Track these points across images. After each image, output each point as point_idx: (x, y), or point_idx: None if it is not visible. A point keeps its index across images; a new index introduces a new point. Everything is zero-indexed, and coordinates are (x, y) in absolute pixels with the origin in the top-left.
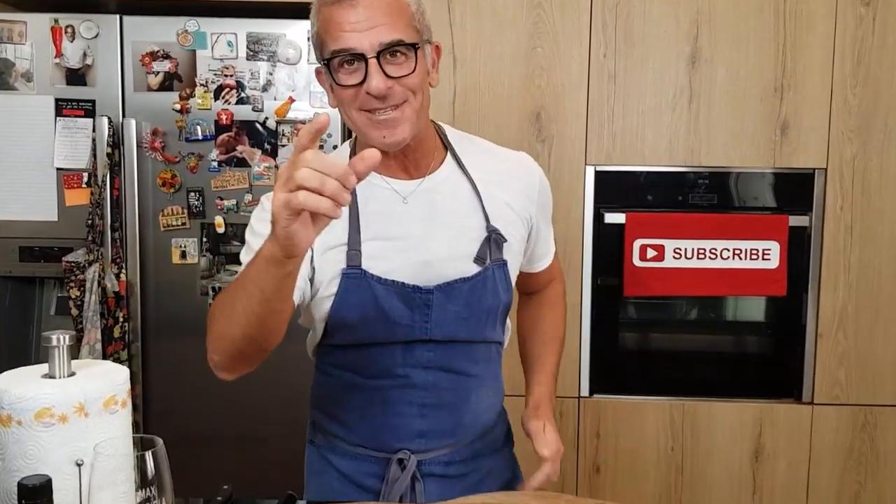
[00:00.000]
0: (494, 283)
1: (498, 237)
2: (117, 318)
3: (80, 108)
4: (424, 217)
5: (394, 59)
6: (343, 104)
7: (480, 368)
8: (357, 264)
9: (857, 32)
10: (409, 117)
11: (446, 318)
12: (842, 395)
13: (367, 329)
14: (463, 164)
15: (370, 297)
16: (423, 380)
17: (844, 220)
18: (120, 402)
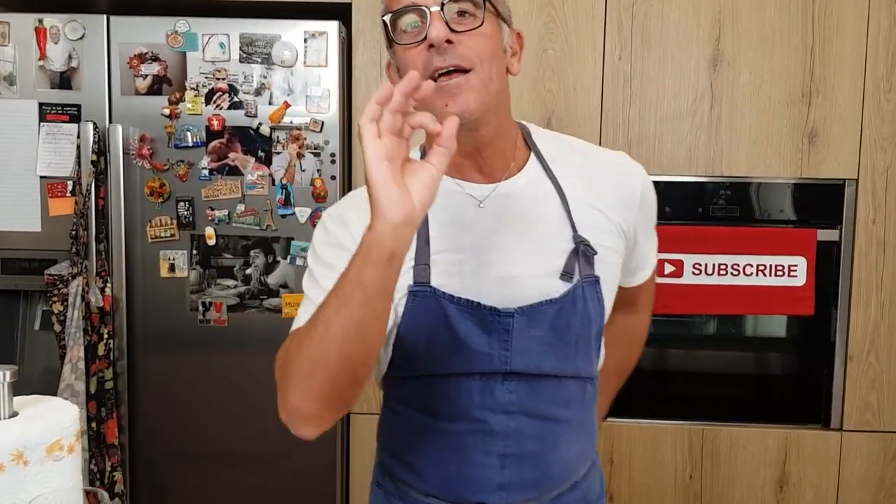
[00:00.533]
0: (585, 303)
1: (587, 249)
2: (102, 334)
3: (65, 112)
4: (502, 226)
5: (461, 18)
6: (402, 73)
7: (572, 412)
8: (426, 281)
9: (892, 33)
10: (474, 86)
11: (528, 346)
12: (873, 421)
13: (438, 358)
14: (549, 167)
15: (441, 318)
16: (503, 426)
17: (877, 234)
18: (66, 448)
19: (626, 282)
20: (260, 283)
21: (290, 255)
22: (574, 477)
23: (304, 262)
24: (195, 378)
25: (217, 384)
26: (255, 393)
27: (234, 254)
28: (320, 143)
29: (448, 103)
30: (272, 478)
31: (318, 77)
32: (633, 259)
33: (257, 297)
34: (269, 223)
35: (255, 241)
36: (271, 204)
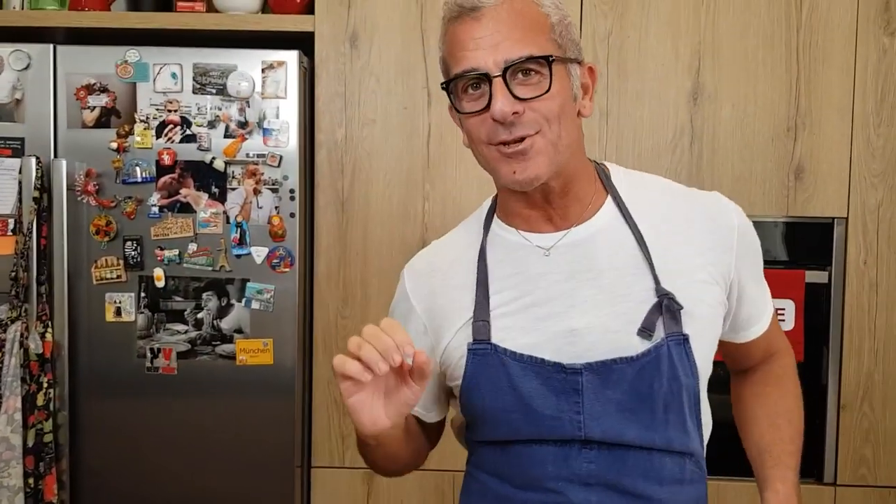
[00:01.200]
0: (672, 364)
1: (671, 304)
2: (41, 383)
3: (8, 146)
4: (571, 275)
5: (526, 78)
6: (472, 139)
7: (667, 490)
8: (486, 338)
9: (881, 66)
10: (542, 150)
11: (606, 410)
12: (869, 475)
13: (504, 421)
14: (627, 211)
15: (504, 377)
16: (583, 499)
17: (868, 276)
18: None
19: (745, 335)
20: (213, 327)
21: (245, 297)
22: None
23: (260, 306)
24: (142, 429)
25: (166, 435)
26: (207, 444)
27: (185, 296)
28: (279, 178)
29: (516, 170)
30: None
31: (276, 109)
32: (743, 308)
33: (209, 343)
34: (222, 264)
35: (208, 283)
36: (225, 243)
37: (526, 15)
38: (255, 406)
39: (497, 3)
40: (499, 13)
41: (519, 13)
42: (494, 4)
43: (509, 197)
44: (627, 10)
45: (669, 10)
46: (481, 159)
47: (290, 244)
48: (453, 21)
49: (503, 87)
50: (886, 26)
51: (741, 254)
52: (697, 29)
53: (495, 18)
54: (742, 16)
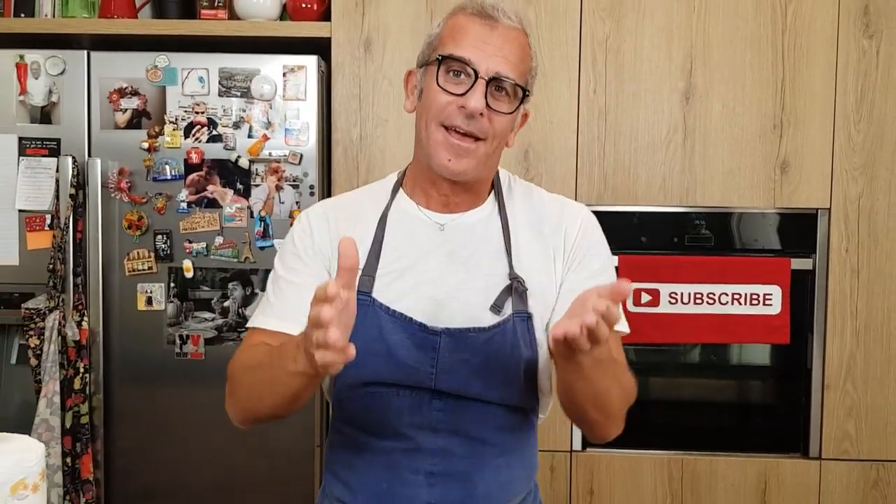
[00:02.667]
0: (515, 336)
1: (519, 286)
2: (78, 368)
3: (45, 147)
4: (447, 253)
5: (498, 93)
6: (428, 112)
7: (501, 436)
8: (367, 290)
9: (860, 66)
10: (478, 156)
11: (456, 368)
12: (851, 449)
13: (370, 364)
14: (503, 207)
15: (376, 327)
16: (431, 444)
17: (850, 263)
18: (31, 486)
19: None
20: (238, 315)
21: None
22: (505, 502)
23: None
24: (172, 412)
25: (194, 417)
26: (232, 425)
27: (212, 286)
28: (299, 175)
29: (451, 159)
30: None
31: (296, 110)
32: (568, 300)
33: (235, 330)
34: (247, 255)
35: (234, 274)
36: (249, 236)
37: (523, 48)
38: None
39: (511, 27)
40: (508, 34)
41: (520, 45)
42: (508, 26)
43: (420, 174)
44: (624, 17)
45: (663, 15)
46: (423, 135)
47: None
48: (467, 15)
49: (483, 89)
50: (865, 29)
51: (574, 255)
52: (689, 33)
53: (504, 37)
54: (731, 21)
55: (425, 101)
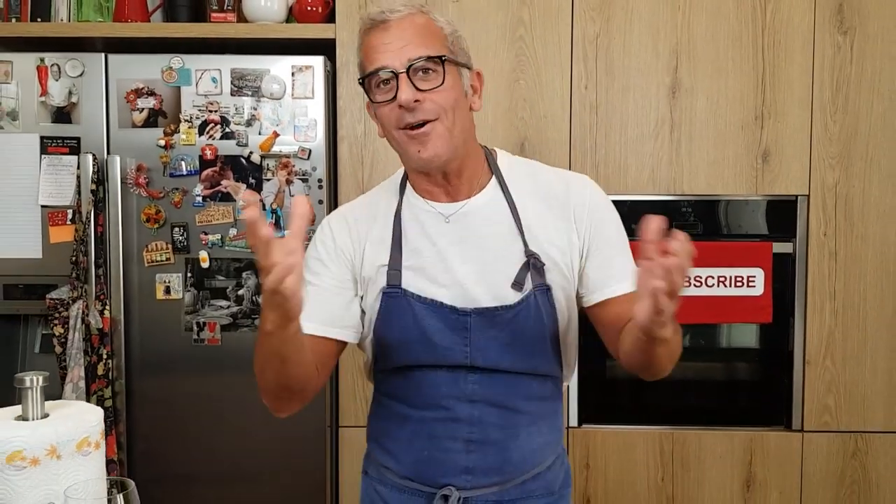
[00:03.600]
0: (538, 309)
1: (536, 262)
2: (101, 355)
3: (66, 145)
4: (462, 240)
5: (425, 75)
6: (384, 126)
7: (533, 405)
8: (397, 283)
9: (836, 60)
10: (441, 134)
11: (488, 343)
12: (831, 422)
13: (408, 351)
14: (507, 188)
15: (410, 316)
16: (468, 414)
17: (828, 246)
18: (93, 444)
19: (600, 293)
20: (252, 303)
21: None
22: (537, 468)
23: None
24: (190, 396)
25: (211, 402)
26: (247, 407)
27: (227, 276)
28: (308, 169)
29: (420, 150)
30: (266, 496)
31: (305, 108)
32: (601, 269)
33: (249, 317)
34: None
35: (247, 264)
36: None
37: (424, 26)
38: None
39: (401, 17)
40: (402, 24)
41: (419, 25)
42: (399, 18)
43: (416, 177)
44: (613, 16)
45: (650, 14)
46: (394, 143)
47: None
48: (367, 32)
49: (407, 80)
50: (840, 26)
51: (591, 223)
52: (675, 31)
53: (399, 28)
54: (714, 19)
55: (379, 118)
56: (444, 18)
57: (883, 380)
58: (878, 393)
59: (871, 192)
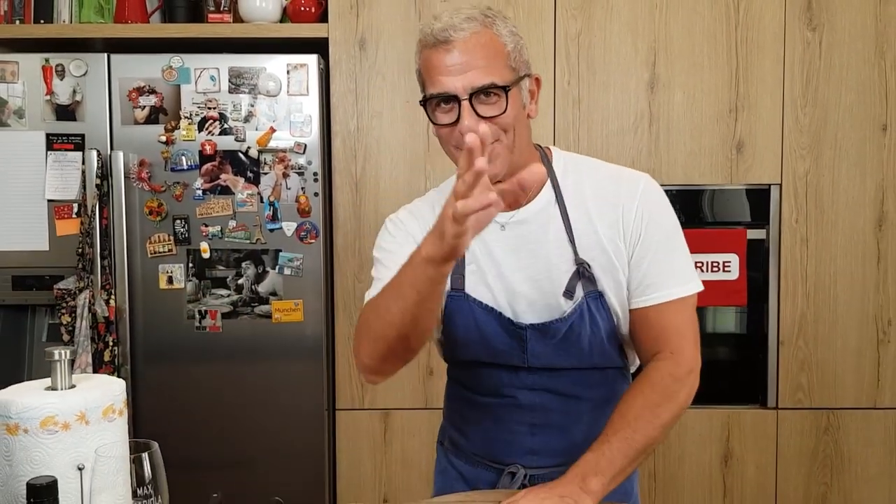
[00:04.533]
0: (592, 315)
1: (586, 270)
2: (107, 342)
3: (70, 142)
4: (515, 249)
5: (487, 99)
6: (441, 140)
7: (595, 392)
8: (460, 287)
9: (805, 56)
10: (499, 153)
11: (544, 350)
12: (804, 399)
13: (471, 348)
14: (560, 192)
15: (472, 319)
16: (530, 401)
17: (800, 233)
18: (117, 411)
19: (636, 301)
20: (251, 291)
21: (279, 265)
22: None
23: (291, 272)
24: (192, 381)
25: (212, 386)
26: (248, 391)
27: (227, 266)
28: (303, 163)
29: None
30: (269, 482)
31: (300, 105)
32: (638, 272)
33: (249, 305)
34: (258, 237)
35: (246, 254)
36: (260, 220)
37: (488, 46)
38: (289, 357)
39: (465, 37)
40: (467, 45)
41: (483, 45)
42: (463, 38)
43: None
44: (594, 14)
45: (629, 13)
46: (450, 155)
47: (315, 219)
48: (428, 47)
49: (469, 109)
50: (809, 23)
51: (638, 225)
52: (652, 29)
53: (463, 50)
54: (689, 17)
55: (436, 133)
56: (506, 29)
57: (853, 358)
58: (849, 371)
59: (839, 181)
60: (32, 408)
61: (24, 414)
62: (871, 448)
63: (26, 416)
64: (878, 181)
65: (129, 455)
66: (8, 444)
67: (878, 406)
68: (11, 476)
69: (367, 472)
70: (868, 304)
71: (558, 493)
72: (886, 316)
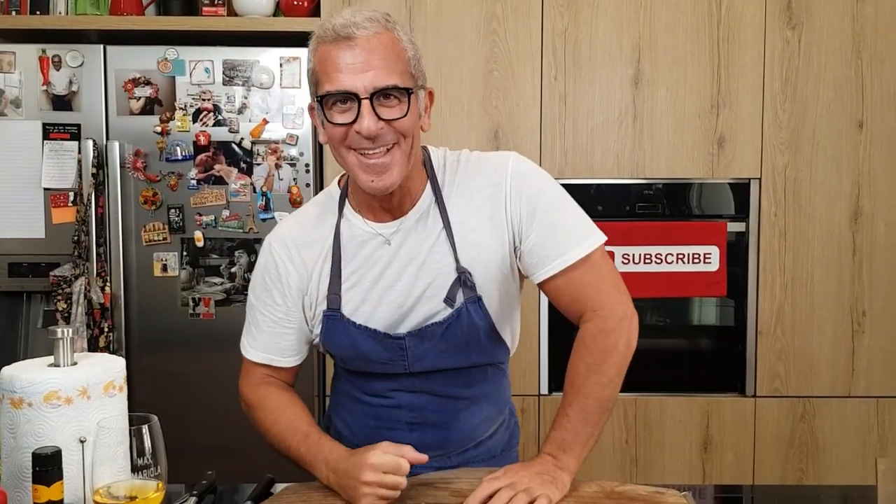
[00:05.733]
0: (470, 317)
1: (467, 278)
2: (102, 328)
3: (67, 131)
4: (400, 258)
5: (387, 101)
6: (333, 142)
7: (473, 390)
8: (336, 307)
9: (785, 53)
10: (398, 161)
11: (424, 354)
12: (781, 387)
13: (351, 361)
14: (440, 193)
15: (347, 337)
16: (409, 402)
17: (778, 226)
18: (118, 387)
19: (542, 274)
20: (244, 280)
21: None
22: (479, 438)
23: None
24: (186, 367)
25: (206, 369)
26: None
27: (221, 254)
28: (295, 155)
29: (374, 179)
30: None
31: (292, 97)
32: (532, 247)
33: (242, 293)
34: (251, 226)
35: (239, 243)
36: (253, 209)
37: (390, 48)
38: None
39: (368, 36)
40: (369, 44)
41: (385, 46)
42: (367, 36)
43: (359, 191)
44: (580, 11)
45: (614, 10)
46: (340, 160)
47: None
48: (328, 42)
49: (370, 109)
50: (789, 21)
51: (515, 201)
52: (637, 26)
53: (366, 48)
54: (672, 14)
55: (328, 132)
56: (406, 36)
57: (828, 348)
58: (824, 361)
59: (817, 175)
60: (36, 382)
61: (28, 388)
62: (846, 435)
63: (30, 391)
64: (853, 176)
65: (128, 429)
66: (13, 418)
67: (853, 395)
68: (16, 448)
69: None
70: (843, 295)
71: (535, 471)
72: (861, 307)
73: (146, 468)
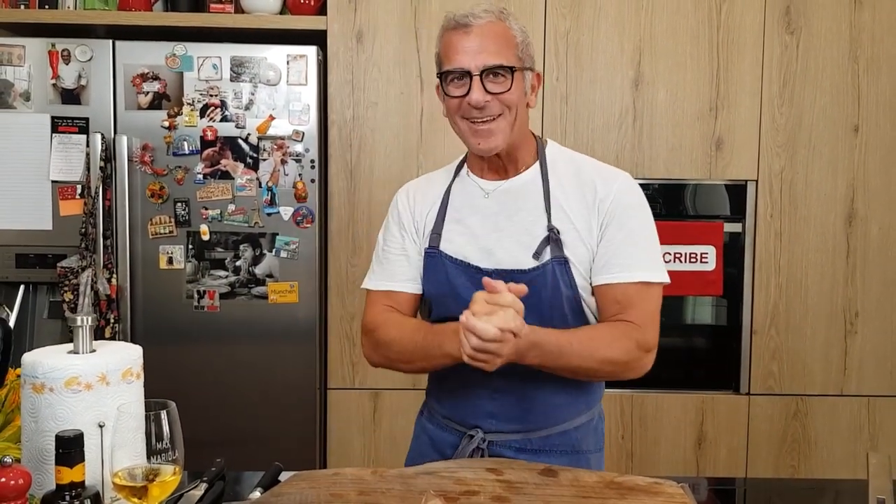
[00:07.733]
0: (555, 278)
1: (555, 235)
2: (109, 319)
3: (75, 125)
4: (497, 212)
5: (495, 78)
6: (450, 112)
7: None
8: (436, 245)
9: (783, 58)
10: (502, 129)
11: None
12: (775, 385)
13: (445, 304)
14: (546, 173)
15: (444, 273)
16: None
17: (774, 227)
18: (135, 374)
19: (604, 277)
20: (248, 273)
21: (275, 248)
22: (562, 425)
23: (287, 255)
24: (190, 358)
25: (211, 361)
26: (244, 369)
27: (226, 248)
28: (301, 150)
29: (480, 142)
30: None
31: (298, 94)
32: (602, 255)
33: (246, 286)
34: (256, 221)
35: (244, 237)
36: (258, 204)
37: (501, 35)
38: (283, 337)
39: (482, 24)
40: (482, 31)
41: (496, 33)
42: (481, 24)
43: (472, 156)
44: (582, 13)
45: (616, 13)
46: (456, 128)
47: (311, 205)
48: (450, 31)
49: (479, 83)
50: (787, 27)
51: (608, 214)
52: (638, 28)
53: (479, 34)
54: (673, 18)
55: (447, 105)
56: (517, 26)
57: (821, 348)
58: (817, 360)
59: (812, 178)
60: (57, 368)
61: (49, 374)
62: (837, 433)
63: (52, 377)
64: (848, 180)
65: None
66: (34, 402)
67: (845, 393)
68: (37, 432)
69: (357, 449)
70: (837, 296)
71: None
72: (854, 308)
73: (163, 452)
